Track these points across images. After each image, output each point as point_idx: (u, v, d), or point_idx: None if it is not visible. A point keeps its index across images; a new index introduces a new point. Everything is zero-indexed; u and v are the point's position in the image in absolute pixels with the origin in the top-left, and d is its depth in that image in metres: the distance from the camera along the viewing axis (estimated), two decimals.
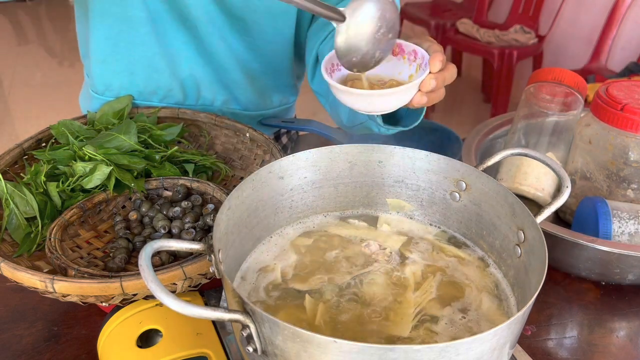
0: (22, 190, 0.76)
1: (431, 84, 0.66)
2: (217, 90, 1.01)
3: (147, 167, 0.83)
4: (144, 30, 0.92)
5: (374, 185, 0.72)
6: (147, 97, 1.00)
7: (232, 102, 1.04)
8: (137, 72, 0.97)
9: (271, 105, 1.08)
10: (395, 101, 0.67)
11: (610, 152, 0.85)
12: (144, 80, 0.98)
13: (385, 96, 0.66)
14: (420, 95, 0.67)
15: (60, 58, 3.92)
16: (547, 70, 0.94)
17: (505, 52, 2.84)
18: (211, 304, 0.70)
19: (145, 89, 0.99)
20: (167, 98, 1.01)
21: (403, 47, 0.70)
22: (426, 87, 0.67)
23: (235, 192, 0.60)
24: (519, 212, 0.60)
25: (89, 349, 0.68)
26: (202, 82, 1.00)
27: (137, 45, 0.94)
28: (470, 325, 0.57)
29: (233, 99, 1.03)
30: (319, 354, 0.45)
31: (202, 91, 1.01)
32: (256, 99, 1.05)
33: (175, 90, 1.00)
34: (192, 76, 0.99)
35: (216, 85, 1.01)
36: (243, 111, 1.05)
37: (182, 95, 1.01)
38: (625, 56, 2.65)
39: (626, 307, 0.77)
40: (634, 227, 0.78)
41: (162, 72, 0.97)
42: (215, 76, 0.99)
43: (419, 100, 0.68)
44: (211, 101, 1.03)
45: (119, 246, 0.73)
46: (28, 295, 0.75)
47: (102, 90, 1.01)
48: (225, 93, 1.02)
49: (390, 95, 0.66)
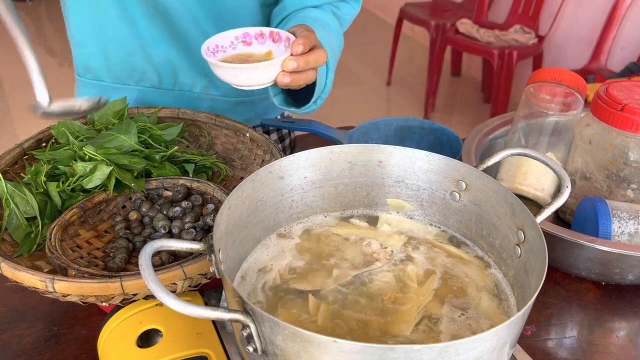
0: (23, 190, 0.76)
1: (291, 65, 0.74)
2: (195, 77, 1.03)
3: (147, 167, 0.84)
4: (112, 13, 0.95)
5: (374, 185, 0.72)
6: (123, 79, 1.03)
7: (211, 89, 1.05)
8: (111, 54, 1.00)
9: (250, 92, 1.08)
10: (258, 76, 0.75)
11: (610, 152, 0.85)
12: (119, 63, 1.01)
13: (248, 70, 0.74)
14: (282, 74, 0.75)
15: (60, 58, 3.92)
16: (547, 70, 0.94)
17: (505, 52, 2.84)
18: (211, 303, 0.70)
19: (121, 72, 1.02)
20: (143, 81, 1.03)
21: (281, 35, 0.80)
22: (286, 66, 0.74)
23: (235, 192, 0.60)
24: (519, 212, 0.60)
25: (89, 349, 0.68)
26: (180, 68, 1.01)
27: (108, 28, 0.97)
28: (469, 323, 0.57)
29: (212, 85, 1.05)
30: (319, 354, 0.45)
31: (180, 76, 1.03)
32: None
33: (149, 73, 1.02)
34: (168, 61, 1.01)
35: (194, 72, 1.02)
36: (222, 97, 1.06)
37: (158, 78, 1.03)
38: (625, 56, 2.65)
39: (626, 307, 0.77)
40: (634, 227, 0.78)
41: (134, 55, 0.99)
42: (192, 62, 1.01)
43: (281, 79, 0.75)
44: (190, 86, 1.04)
45: (119, 246, 0.73)
46: (28, 295, 0.75)
47: (83, 73, 1.05)
48: (204, 79, 1.04)
49: (252, 69, 0.74)
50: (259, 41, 0.82)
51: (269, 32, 0.81)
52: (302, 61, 0.75)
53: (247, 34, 0.81)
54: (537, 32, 3.01)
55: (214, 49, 0.80)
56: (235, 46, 0.81)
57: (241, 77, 0.75)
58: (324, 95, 0.88)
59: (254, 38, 0.82)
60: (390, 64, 3.66)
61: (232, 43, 0.81)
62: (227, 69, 0.75)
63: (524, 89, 0.97)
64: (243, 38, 0.81)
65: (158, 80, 1.03)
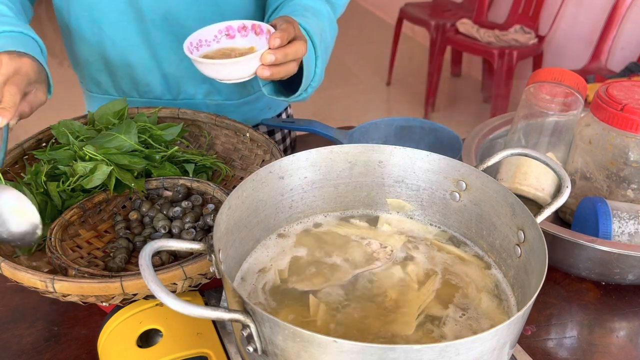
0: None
1: (269, 58, 0.75)
2: (197, 84, 1.03)
3: (147, 167, 0.83)
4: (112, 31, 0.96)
5: (374, 185, 0.72)
6: (127, 92, 1.05)
7: (214, 94, 1.05)
8: (116, 69, 1.01)
9: (252, 90, 1.08)
10: (239, 70, 0.77)
11: (610, 152, 0.85)
12: (124, 77, 1.02)
13: (228, 65, 0.75)
14: (262, 68, 0.76)
15: (60, 58, 3.92)
16: (547, 70, 0.94)
17: (505, 52, 2.84)
18: (211, 303, 0.70)
19: (125, 86, 1.04)
20: (147, 93, 1.04)
21: (262, 28, 0.81)
22: (264, 60, 0.75)
23: (235, 192, 0.60)
24: (519, 212, 0.60)
25: (89, 349, 0.68)
26: (182, 78, 1.02)
27: (109, 45, 0.98)
28: (469, 323, 0.57)
29: (214, 90, 1.05)
30: (319, 354, 0.45)
31: (182, 86, 1.03)
32: (237, 86, 1.06)
33: (152, 86, 1.03)
34: (170, 73, 1.01)
35: (196, 80, 1.02)
36: (226, 101, 1.07)
37: (161, 90, 1.04)
38: (625, 56, 2.65)
39: (626, 307, 0.77)
40: (634, 227, 0.78)
41: (136, 68, 1.00)
42: (193, 71, 1.01)
43: (260, 72, 0.76)
44: (192, 95, 1.05)
45: (119, 246, 0.73)
46: (28, 295, 0.75)
47: (94, 89, 1.07)
48: (206, 86, 1.04)
49: (232, 64, 0.75)
50: (242, 34, 0.83)
51: (251, 25, 0.82)
52: (281, 54, 0.76)
53: (230, 27, 0.83)
54: (537, 32, 3.01)
55: (197, 44, 0.81)
56: (219, 40, 0.83)
57: (222, 72, 0.77)
58: (315, 84, 0.89)
59: (237, 31, 0.83)
60: (390, 63, 3.66)
61: (215, 37, 0.83)
62: (207, 65, 0.77)
63: (524, 89, 0.97)
64: (226, 31, 0.83)
65: (161, 92, 1.04)
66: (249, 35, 0.83)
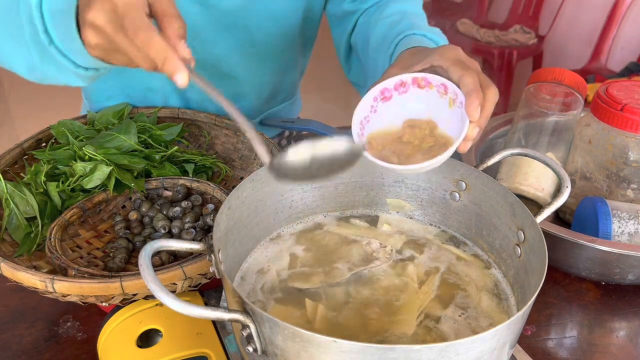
0: (22, 190, 0.76)
1: (475, 132, 0.59)
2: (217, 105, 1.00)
3: (147, 167, 0.83)
4: None
5: (374, 185, 0.72)
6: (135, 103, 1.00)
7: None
8: (133, 94, 0.97)
9: (274, 104, 1.08)
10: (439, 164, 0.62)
11: (610, 152, 0.85)
12: (140, 100, 0.98)
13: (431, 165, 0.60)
14: (465, 143, 0.60)
15: None
16: (547, 70, 0.94)
17: (505, 52, 2.84)
18: (211, 304, 0.70)
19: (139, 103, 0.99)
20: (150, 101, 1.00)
21: (429, 80, 0.63)
22: (471, 137, 0.60)
23: (235, 192, 0.60)
24: (519, 212, 0.60)
25: (89, 349, 0.68)
26: (202, 102, 0.99)
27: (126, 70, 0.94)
28: (469, 323, 0.57)
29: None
30: (319, 354, 0.45)
31: (202, 102, 1.00)
32: (260, 105, 1.04)
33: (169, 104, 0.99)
34: (192, 97, 0.98)
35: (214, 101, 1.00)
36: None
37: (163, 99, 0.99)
38: (625, 56, 2.65)
39: (626, 307, 0.77)
40: (634, 227, 0.78)
41: (156, 92, 0.97)
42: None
43: (464, 148, 0.61)
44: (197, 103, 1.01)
45: (119, 246, 0.73)
46: (28, 295, 0.75)
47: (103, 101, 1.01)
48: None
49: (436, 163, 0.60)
50: (399, 92, 0.65)
51: (411, 79, 0.64)
52: (483, 119, 0.60)
53: (386, 89, 0.65)
54: (537, 32, 3.01)
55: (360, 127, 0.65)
56: (376, 109, 0.66)
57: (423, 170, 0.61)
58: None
59: (394, 90, 0.65)
60: None
61: (372, 107, 0.66)
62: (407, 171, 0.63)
63: (524, 89, 0.97)
64: (381, 95, 0.66)
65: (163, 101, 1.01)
66: (408, 90, 0.65)
